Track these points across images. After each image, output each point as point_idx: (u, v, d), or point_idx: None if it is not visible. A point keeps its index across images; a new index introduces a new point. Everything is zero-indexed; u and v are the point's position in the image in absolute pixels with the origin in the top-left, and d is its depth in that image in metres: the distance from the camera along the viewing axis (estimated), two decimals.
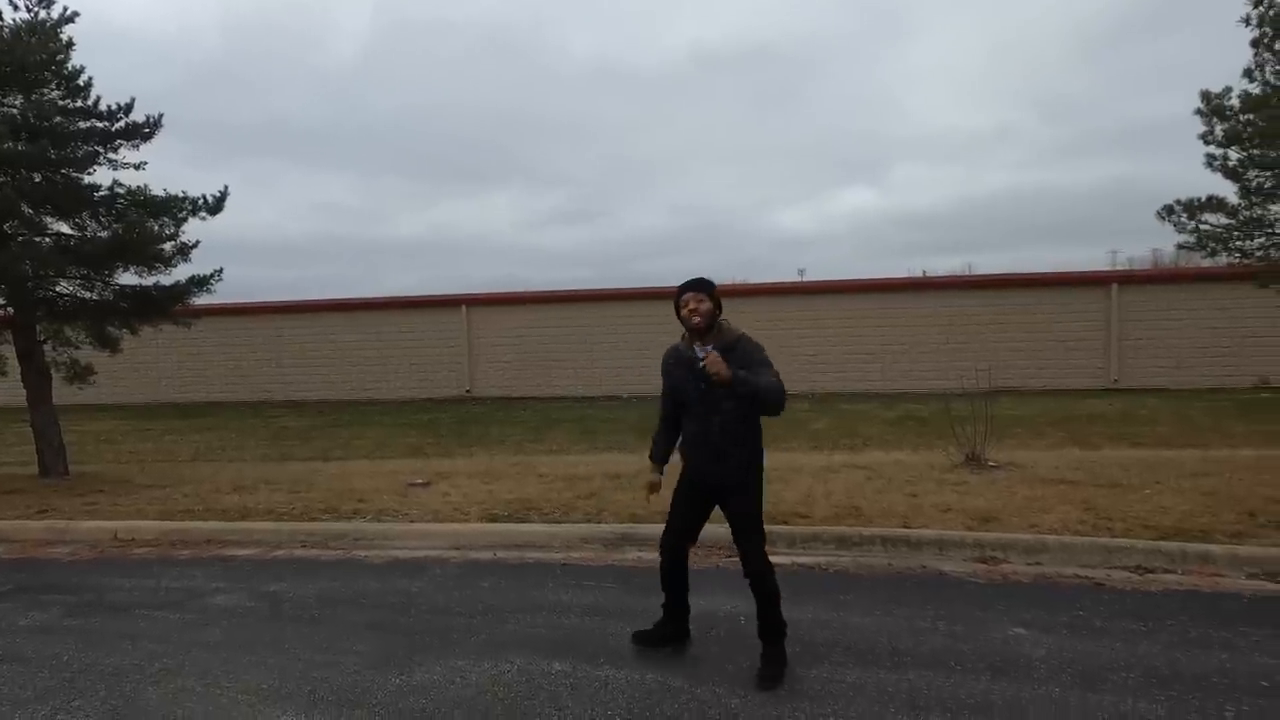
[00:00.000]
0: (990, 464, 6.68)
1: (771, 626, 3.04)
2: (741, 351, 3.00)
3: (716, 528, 4.99)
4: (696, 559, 4.60)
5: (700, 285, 3.09)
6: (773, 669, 2.96)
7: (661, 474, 3.33)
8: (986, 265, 41.79)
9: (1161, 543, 4.42)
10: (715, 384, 2.91)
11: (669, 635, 3.29)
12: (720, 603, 3.84)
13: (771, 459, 7.72)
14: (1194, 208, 9.72)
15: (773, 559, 4.57)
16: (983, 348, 13.89)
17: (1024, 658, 3.13)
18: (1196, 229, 9.83)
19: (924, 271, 19.98)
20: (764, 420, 3.12)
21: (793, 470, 6.81)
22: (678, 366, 3.15)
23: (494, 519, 5.48)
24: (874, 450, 8.31)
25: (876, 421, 10.63)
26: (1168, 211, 9.85)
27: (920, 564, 4.44)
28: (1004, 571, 4.28)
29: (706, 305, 3.05)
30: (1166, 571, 4.20)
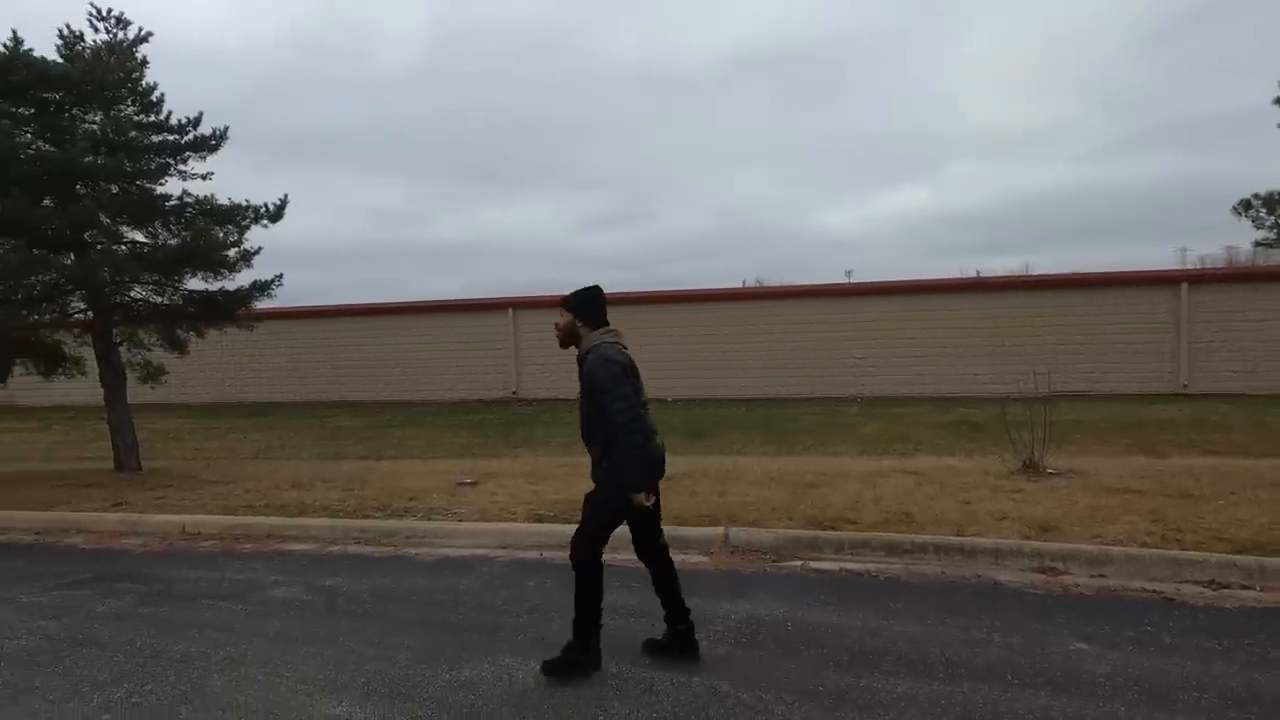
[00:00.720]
0: (1049, 471, 6.43)
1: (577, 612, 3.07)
2: (587, 370, 3.05)
3: (760, 532, 4.95)
4: (743, 564, 4.58)
5: (562, 301, 3.18)
6: (557, 657, 3.04)
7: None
8: (1045, 265, 40.08)
9: (1237, 557, 4.18)
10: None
11: (672, 642, 3.25)
12: (769, 608, 3.80)
13: (817, 463, 7.66)
14: (1274, 201, 9.20)
15: (819, 564, 4.53)
16: (1040, 351, 13.39)
17: (1086, 674, 3.00)
18: (1276, 224, 9.29)
19: (977, 272, 19.36)
20: (812, 423, 3.10)
21: (840, 475, 6.69)
22: None
23: (540, 519, 5.54)
24: (925, 455, 8.10)
25: (927, 426, 10.35)
26: (1244, 206, 9.37)
27: (975, 573, 4.31)
28: (1064, 583, 4.11)
29: (564, 319, 3.17)
30: (1243, 587, 3.97)
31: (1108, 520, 4.90)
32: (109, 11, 8.00)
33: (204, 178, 8.52)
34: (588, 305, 3.15)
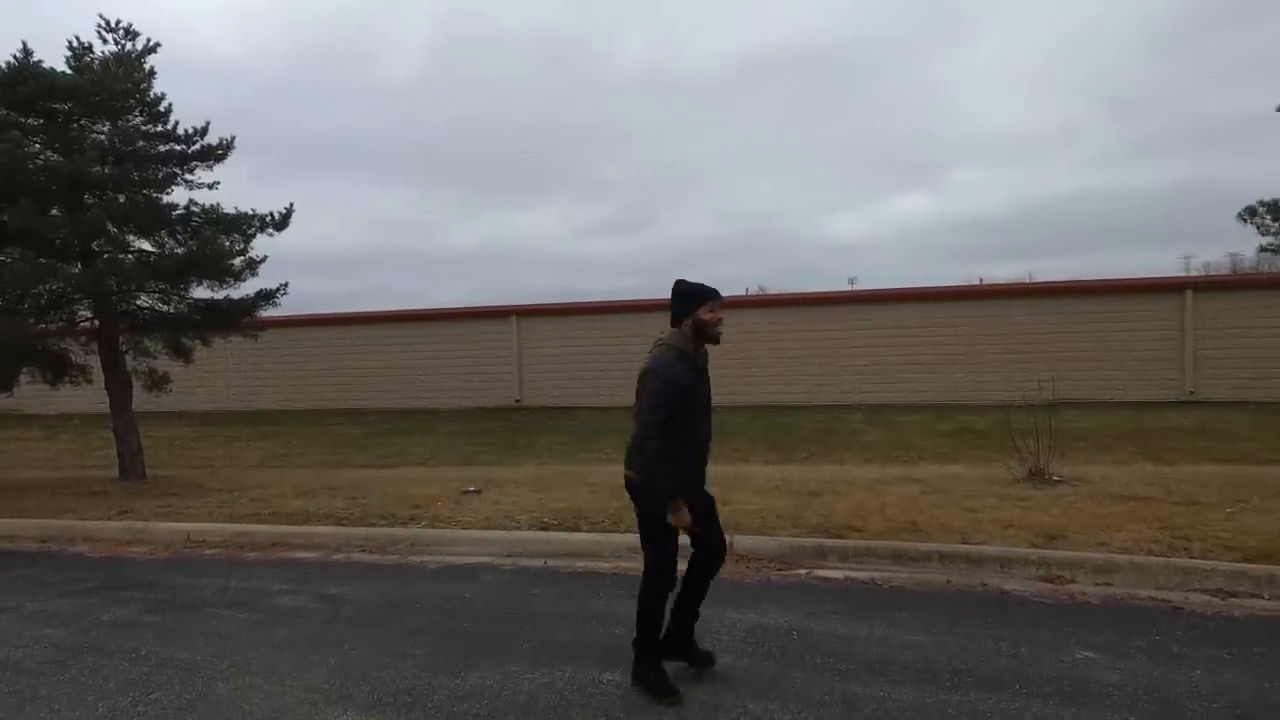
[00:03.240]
0: (1055, 479, 6.41)
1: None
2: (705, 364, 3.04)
3: (765, 540, 4.93)
4: (749, 572, 4.57)
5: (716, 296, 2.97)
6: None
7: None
8: (1050, 271, 40.03)
9: (1246, 565, 4.15)
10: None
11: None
12: (775, 617, 3.78)
13: (821, 471, 7.64)
14: (1279, 208, 9.17)
15: (825, 573, 4.53)
16: (1044, 358, 13.36)
17: (1095, 682, 2.98)
18: None
19: (980, 279, 19.35)
20: (815, 431, 3.09)
21: (845, 483, 6.68)
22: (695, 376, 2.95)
23: (544, 527, 5.54)
24: (929, 463, 8.08)
25: (931, 434, 10.33)
26: (1250, 213, 9.37)
27: (981, 581, 4.29)
28: (1071, 591, 4.09)
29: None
30: (1252, 596, 3.94)
31: (1114, 528, 4.88)
32: (118, 23, 8.07)
33: (210, 187, 8.58)
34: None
